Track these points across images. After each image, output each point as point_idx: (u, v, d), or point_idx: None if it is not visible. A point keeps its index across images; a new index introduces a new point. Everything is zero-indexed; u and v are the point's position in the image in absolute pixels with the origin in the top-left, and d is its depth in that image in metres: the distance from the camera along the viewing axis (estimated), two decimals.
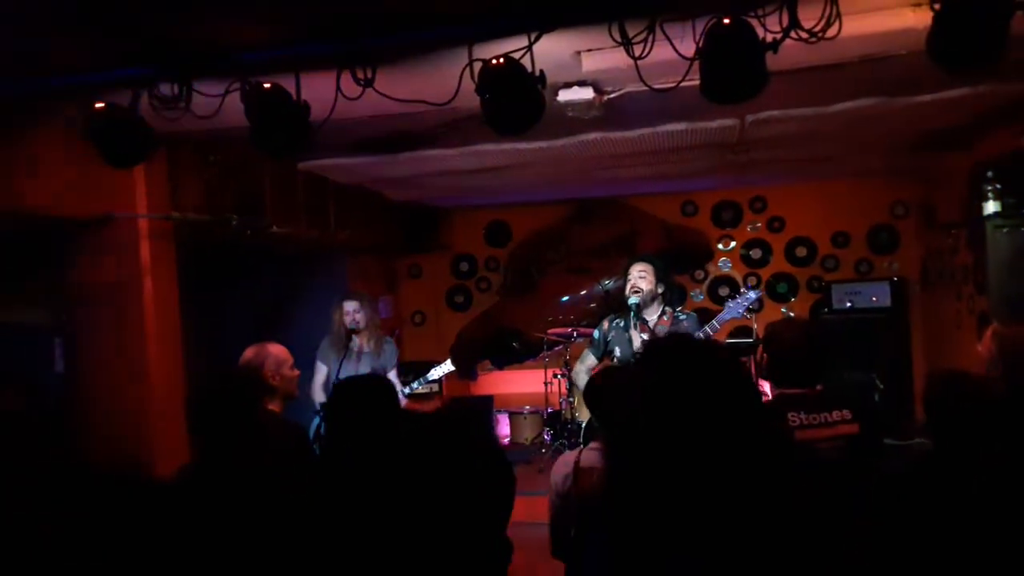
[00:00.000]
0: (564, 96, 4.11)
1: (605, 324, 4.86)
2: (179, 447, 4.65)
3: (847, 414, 2.74)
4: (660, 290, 4.70)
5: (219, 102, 3.25)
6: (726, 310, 4.80)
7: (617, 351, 4.73)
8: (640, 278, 4.65)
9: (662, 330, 4.62)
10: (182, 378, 4.80)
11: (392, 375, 5.26)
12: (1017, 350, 2.56)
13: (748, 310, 4.87)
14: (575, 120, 4.49)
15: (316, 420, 4.81)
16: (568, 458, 3.04)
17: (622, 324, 4.75)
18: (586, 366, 4.91)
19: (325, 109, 3.24)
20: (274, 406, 3.49)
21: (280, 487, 2.44)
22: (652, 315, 4.70)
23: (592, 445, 3.04)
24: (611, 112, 4.47)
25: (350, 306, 5.15)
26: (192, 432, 2.78)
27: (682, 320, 4.70)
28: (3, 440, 2.49)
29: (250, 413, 2.87)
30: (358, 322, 5.13)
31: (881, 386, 7.23)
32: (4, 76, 3.31)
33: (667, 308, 4.74)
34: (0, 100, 3.56)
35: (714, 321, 4.71)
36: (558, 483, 2.99)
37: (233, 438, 2.71)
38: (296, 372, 3.77)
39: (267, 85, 3.17)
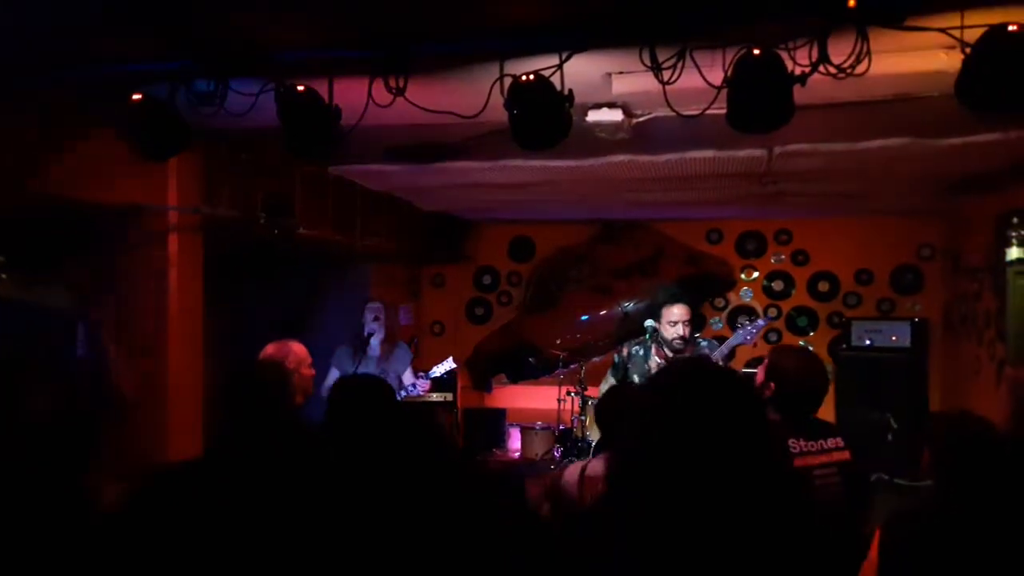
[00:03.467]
0: (593, 117, 4.14)
1: (625, 349, 4.87)
2: (194, 437, 4.73)
3: (840, 442, 2.80)
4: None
5: (252, 101, 3.31)
6: (734, 336, 4.79)
7: (636, 378, 4.73)
8: (685, 326, 4.60)
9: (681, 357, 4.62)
10: (201, 371, 4.86)
11: (407, 375, 5.35)
12: None
13: (754, 339, 4.85)
14: (603, 141, 4.52)
15: None
16: (575, 467, 3.08)
17: (641, 351, 4.76)
18: (608, 387, 4.93)
19: (357, 115, 3.31)
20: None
21: (294, 481, 2.48)
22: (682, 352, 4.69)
23: (600, 456, 3.07)
24: (639, 135, 4.50)
25: (373, 310, 5.23)
26: (221, 416, 2.83)
27: (703, 346, 4.71)
28: (33, 446, 2.47)
29: (279, 404, 2.94)
30: (379, 327, 5.20)
31: (895, 426, 7.17)
32: (43, 65, 3.40)
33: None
34: (38, 89, 3.66)
35: (723, 347, 4.70)
36: (565, 490, 3.03)
37: (259, 427, 2.76)
38: (313, 371, 3.86)
39: (300, 88, 3.23)
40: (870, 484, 2.91)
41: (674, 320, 4.62)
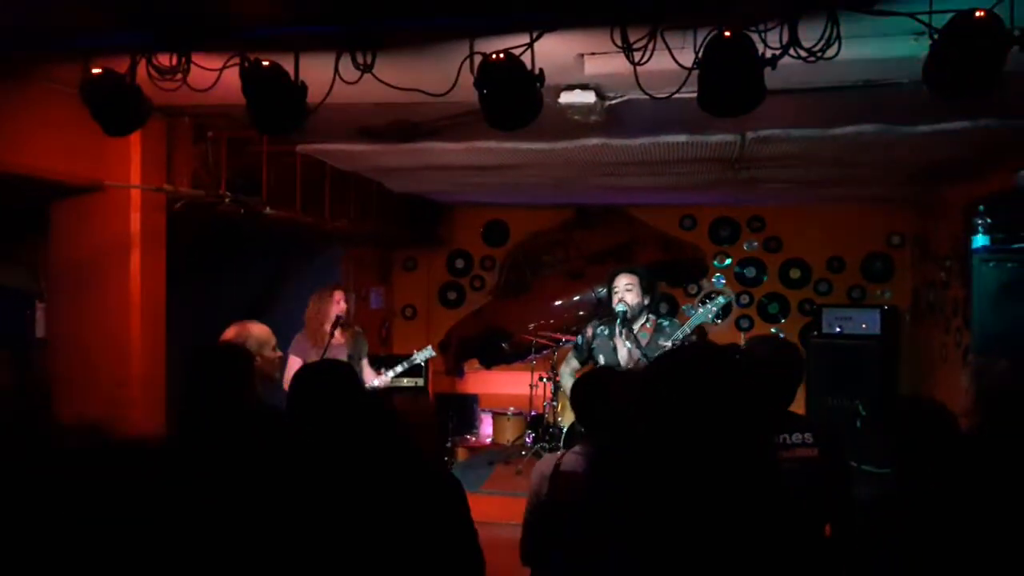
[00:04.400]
0: (566, 98, 4.10)
1: (589, 330, 4.88)
2: (157, 419, 4.65)
3: (807, 438, 2.69)
4: (646, 301, 4.73)
5: (216, 76, 3.24)
6: (696, 315, 4.79)
7: (601, 358, 4.75)
8: (627, 291, 4.68)
9: (644, 337, 4.65)
10: (163, 353, 4.78)
11: (364, 363, 5.34)
12: (989, 382, 2.55)
13: (716, 316, 4.86)
14: (577, 124, 4.49)
15: None
16: (548, 461, 3.01)
17: (606, 332, 4.78)
18: (570, 369, 4.96)
19: (324, 92, 3.24)
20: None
21: (257, 469, 2.43)
22: (636, 323, 4.72)
23: (575, 449, 3.01)
24: (613, 118, 4.47)
25: (343, 297, 5.18)
26: (180, 403, 2.78)
27: (665, 326, 4.72)
28: None
29: (239, 388, 2.88)
30: (347, 313, 5.15)
31: (864, 413, 7.23)
32: (1, 35, 3.30)
33: (650, 315, 4.78)
34: None
35: (685, 326, 4.71)
36: (535, 486, 2.96)
37: (219, 413, 2.71)
38: (278, 354, 3.78)
39: (266, 63, 3.16)
40: (839, 481, 2.76)
41: (617, 289, 4.68)
